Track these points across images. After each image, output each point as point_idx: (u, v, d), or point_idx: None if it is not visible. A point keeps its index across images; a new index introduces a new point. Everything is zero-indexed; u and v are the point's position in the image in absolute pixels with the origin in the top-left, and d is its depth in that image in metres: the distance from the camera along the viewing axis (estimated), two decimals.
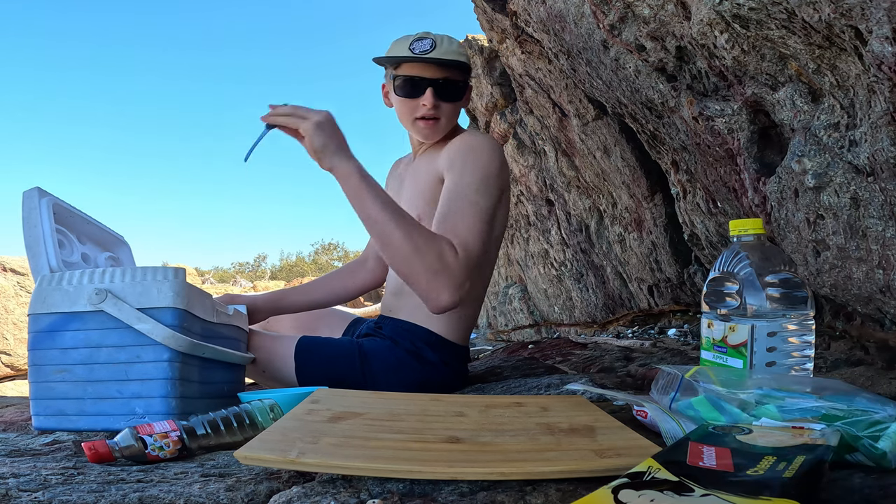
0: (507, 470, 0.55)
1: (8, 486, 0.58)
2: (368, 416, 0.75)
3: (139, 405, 0.87)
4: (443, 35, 1.28)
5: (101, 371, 0.89)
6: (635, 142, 1.96)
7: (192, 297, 0.96)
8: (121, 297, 0.90)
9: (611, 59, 1.40)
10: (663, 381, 0.73)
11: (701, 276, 1.97)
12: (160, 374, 0.88)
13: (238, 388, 1.12)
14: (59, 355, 0.90)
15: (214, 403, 0.96)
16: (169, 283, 0.92)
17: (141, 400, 0.87)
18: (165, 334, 0.88)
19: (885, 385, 0.88)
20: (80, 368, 0.89)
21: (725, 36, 0.97)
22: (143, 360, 0.88)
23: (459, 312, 1.28)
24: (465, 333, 1.32)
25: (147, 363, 0.88)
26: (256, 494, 0.57)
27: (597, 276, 2.93)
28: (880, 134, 0.77)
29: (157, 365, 0.88)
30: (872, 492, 0.46)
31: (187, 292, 0.94)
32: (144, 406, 0.87)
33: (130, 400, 0.87)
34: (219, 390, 1.03)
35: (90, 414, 0.88)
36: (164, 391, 0.88)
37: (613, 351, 1.67)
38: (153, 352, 0.88)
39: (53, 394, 0.90)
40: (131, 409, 0.87)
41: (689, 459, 0.48)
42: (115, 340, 0.89)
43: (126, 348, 0.89)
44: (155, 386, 0.87)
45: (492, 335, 5.60)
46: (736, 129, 1.11)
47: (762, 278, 0.76)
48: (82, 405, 0.89)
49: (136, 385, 0.88)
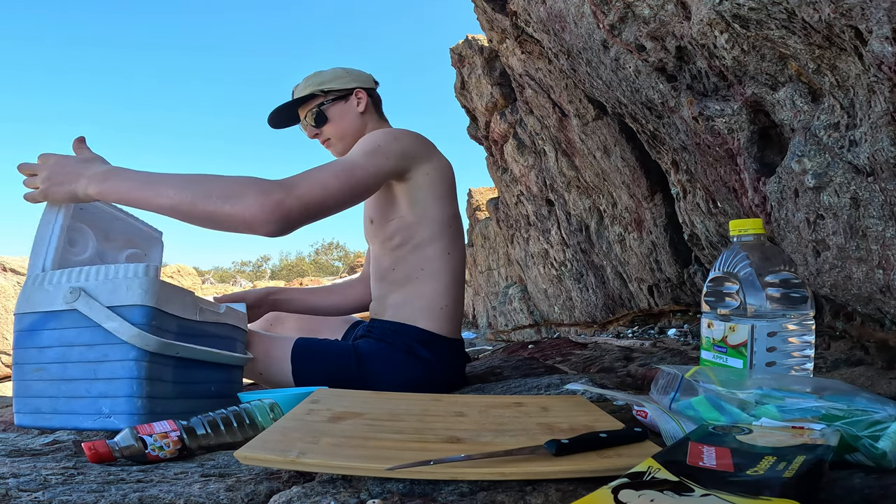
0: (507, 470, 0.55)
1: (8, 486, 0.58)
2: (368, 416, 0.75)
3: (105, 404, 0.86)
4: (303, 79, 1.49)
5: (74, 370, 0.88)
6: (635, 142, 1.96)
7: (167, 294, 0.93)
8: (93, 295, 0.89)
9: (611, 59, 1.40)
10: (663, 381, 0.73)
11: (701, 276, 1.97)
12: (126, 373, 0.86)
13: (231, 388, 1.09)
14: (36, 354, 0.90)
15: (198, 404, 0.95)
16: (139, 280, 0.89)
17: (107, 399, 0.86)
18: (131, 333, 0.86)
19: (885, 385, 0.88)
20: (54, 367, 0.89)
21: (725, 36, 0.97)
22: (110, 359, 0.87)
23: (440, 303, 1.30)
24: (453, 326, 1.33)
25: (114, 362, 0.86)
26: (256, 494, 0.57)
27: (597, 276, 2.93)
28: (880, 134, 0.77)
29: (124, 364, 0.86)
30: (872, 492, 0.46)
31: (159, 289, 0.91)
32: (111, 405, 0.86)
33: (98, 399, 0.86)
34: (203, 390, 1.00)
35: (62, 412, 0.88)
36: (129, 391, 0.85)
37: (613, 351, 1.67)
38: (120, 350, 0.86)
39: (31, 392, 0.90)
40: (98, 408, 0.86)
41: (689, 459, 0.48)
42: (86, 339, 0.88)
43: (96, 347, 0.87)
44: (121, 385, 0.86)
45: (492, 335, 5.60)
46: (736, 129, 1.11)
47: (762, 278, 0.76)
48: (55, 403, 0.88)
49: (103, 384, 0.86)
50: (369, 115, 1.48)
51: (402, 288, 1.32)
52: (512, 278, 5.30)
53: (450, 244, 1.32)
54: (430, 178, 1.29)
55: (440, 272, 1.31)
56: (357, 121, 1.47)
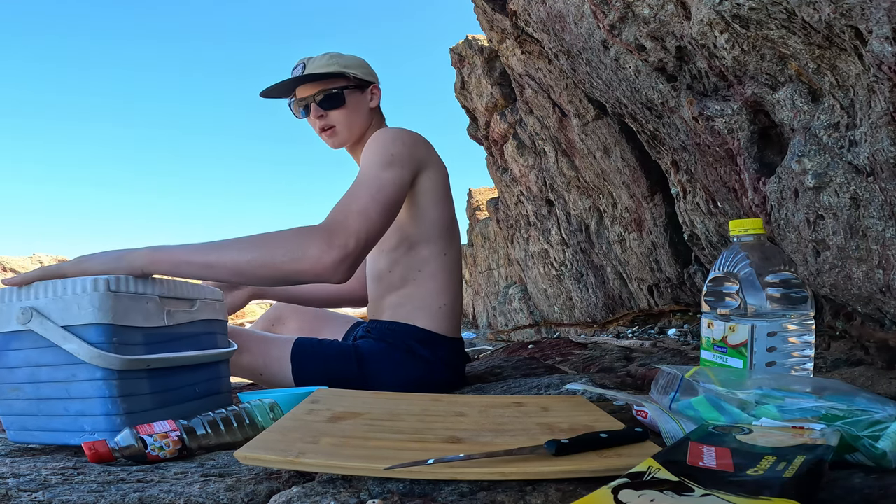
0: (507, 470, 0.55)
1: (8, 486, 0.58)
2: (368, 416, 0.75)
3: (86, 423, 0.82)
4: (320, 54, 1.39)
5: (46, 389, 0.84)
6: (635, 142, 1.96)
7: (123, 306, 0.85)
8: (46, 314, 0.83)
9: (611, 59, 1.40)
10: (663, 381, 0.73)
11: (701, 276, 1.97)
12: (97, 392, 0.81)
13: (218, 385, 1.03)
14: (8, 374, 0.86)
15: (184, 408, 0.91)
16: (88, 297, 0.82)
17: (86, 417, 0.82)
18: (92, 354, 0.80)
19: (885, 385, 0.88)
20: (28, 387, 0.85)
21: (725, 36, 0.97)
22: (79, 379, 0.82)
23: (438, 303, 1.30)
24: (452, 325, 1.33)
25: (83, 381, 0.82)
26: (256, 494, 0.57)
27: (597, 276, 2.93)
28: (880, 134, 0.77)
29: (93, 384, 0.81)
30: (872, 492, 0.46)
31: (114, 303, 0.83)
32: (91, 424, 0.82)
33: (78, 417, 0.82)
34: (186, 394, 0.94)
35: (48, 430, 0.84)
36: (104, 409, 0.81)
37: (613, 351, 1.67)
38: (86, 371, 0.82)
39: (14, 410, 0.86)
40: (80, 426, 0.82)
41: (689, 459, 0.48)
42: (50, 359, 0.83)
43: (62, 367, 0.83)
44: (95, 404, 0.82)
45: (492, 335, 5.60)
46: (736, 129, 1.11)
47: (762, 278, 0.76)
48: (39, 421, 0.85)
49: (79, 403, 0.82)
50: (376, 113, 1.45)
51: (399, 289, 1.32)
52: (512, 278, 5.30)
53: (447, 245, 1.32)
54: (433, 182, 1.28)
55: (437, 272, 1.31)
56: (367, 115, 1.42)
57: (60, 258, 10.11)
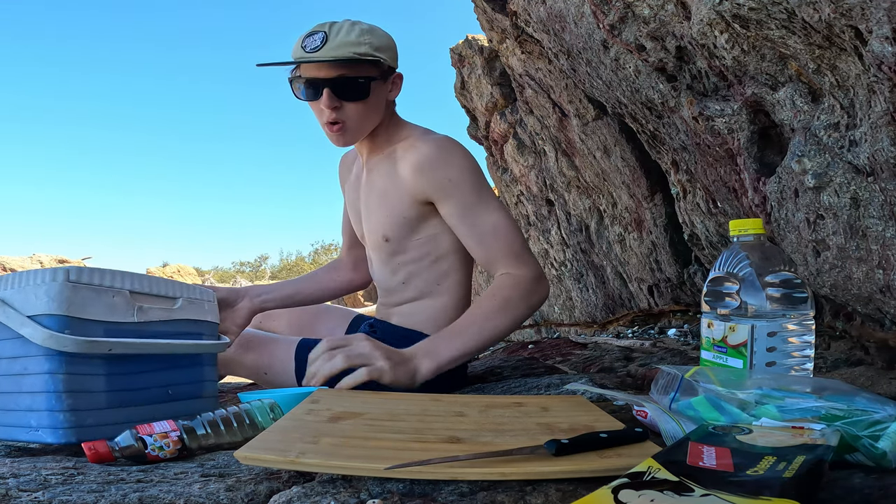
0: (507, 470, 0.55)
1: (8, 486, 0.58)
2: (368, 416, 0.75)
3: (33, 418, 0.81)
4: (343, 22, 1.12)
5: (4, 382, 0.84)
6: (635, 142, 1.96)
7: (82, 299, 0.82)
8: (10, 304, 0.82)
9: (611, 59, 1.40)
10: (663, 381, 0.73)
11: (701, 276, 1.97)
12: (43, 387, 0.80)
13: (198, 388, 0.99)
14: None
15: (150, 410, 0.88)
16: (45, 286, 0.80)
17: (33, 413, 0.81)
18: (44, 335, 0.79)
19: (885, 385, 0.88)
20: None
21: (725, 36, 0.97)
22: (30, 372, 0.81)
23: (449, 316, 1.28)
24: None
25: (34, 375, 0.81)
26: (256, 494, 0.57)
27: (597, 276, 2.93)
28: (880, 134, 0.77)
29: (40, 378, 0.80)
30: (872, 492, 0.46)
31: (70, 294, 0.81)
32: (37, 419, 0.81)
33: (26, 413, 0.82)
34: (154, 395, 0.90)
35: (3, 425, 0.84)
36: (49, 405, 0.80)
37: (613, 351, 1.67)
38: (36, 364, 0.81)
39: None
40: (27, 421, 0.81)
41: (689, 459, 0.48)
42: (8, 351, 0.83)
43: (18, 360, 0.82)
44: (41, 399, 0.81)
45: None
46: (736, 129, 1.11)
47: (762, 278, 0.76)
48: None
49: (28, 398, 0.82)
50: (392, 108, 1.26)
51: (414, 300, 1.31)
52: None
53: (467, 259, 1.30)
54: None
55: (454, 286, 1.30)
56: (383, 109, 1.21)
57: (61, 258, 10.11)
